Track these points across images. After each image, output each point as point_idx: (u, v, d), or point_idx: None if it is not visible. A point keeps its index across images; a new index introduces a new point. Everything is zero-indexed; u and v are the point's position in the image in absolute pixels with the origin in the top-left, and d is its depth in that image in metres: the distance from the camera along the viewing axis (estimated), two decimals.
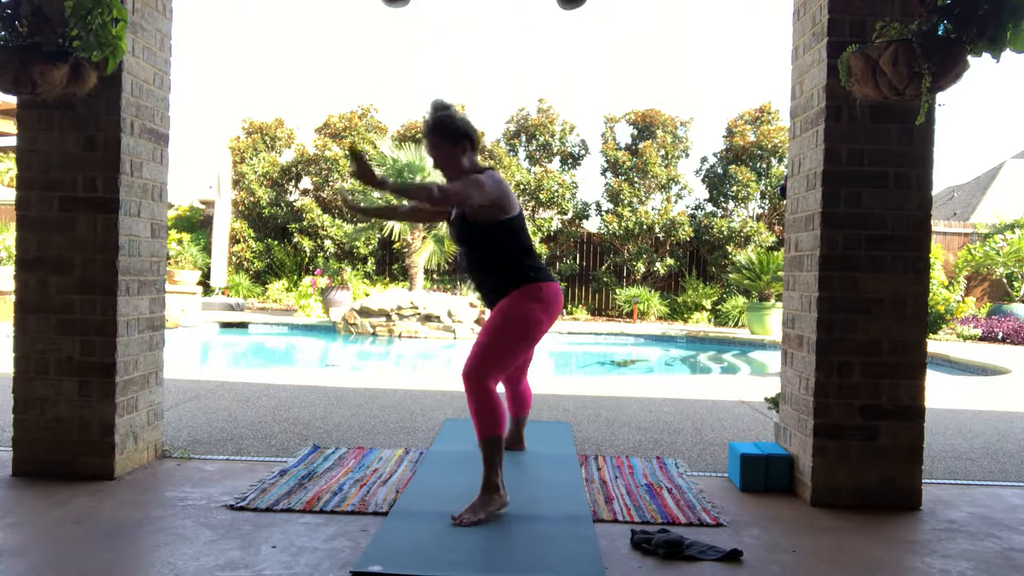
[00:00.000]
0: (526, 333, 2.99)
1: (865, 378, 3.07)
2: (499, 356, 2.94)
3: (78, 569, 2.26)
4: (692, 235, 15.35)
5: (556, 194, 15.54)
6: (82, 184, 3.14)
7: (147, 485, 3.12)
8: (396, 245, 15.57)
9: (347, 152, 2.96)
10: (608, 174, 16.13)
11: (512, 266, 3.04)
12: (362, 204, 2.85)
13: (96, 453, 3.16)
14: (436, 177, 14.19)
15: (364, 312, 11.31)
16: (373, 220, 14.31)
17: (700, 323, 14.43)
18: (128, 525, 2.64)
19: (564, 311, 15.69)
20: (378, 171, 2.85)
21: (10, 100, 7.19)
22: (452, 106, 3.08)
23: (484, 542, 2.55)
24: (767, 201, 15.74)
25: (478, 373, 2.89)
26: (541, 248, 15.36)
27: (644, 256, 15.36)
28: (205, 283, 14.51)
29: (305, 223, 15.74)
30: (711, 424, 4.70)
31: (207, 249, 15.17)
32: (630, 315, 15.03)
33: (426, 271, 15.35)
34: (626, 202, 15.45)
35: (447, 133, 3.02)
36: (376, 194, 14.36)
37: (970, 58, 2.59)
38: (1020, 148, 33.63)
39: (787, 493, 3.24)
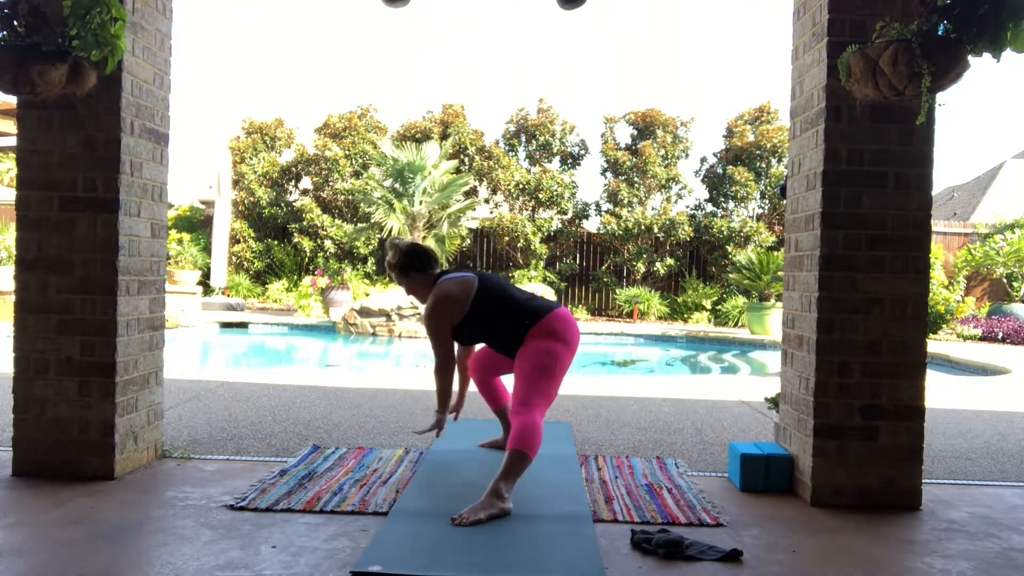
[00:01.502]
0: (548, 367, 3.06)
1: (865, 378, 3.07)
2: (534, 393, 3.00)
3: (78, 569, 2.26)
4: (692, 235, 15.34)
5: (556, 194, 15.53)
6: (82, 184, 3.14)
7: (147, 485, 3.12)
8: None
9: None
10: (608, 174, 16.13)
11: (510, 328, 3.18)
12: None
13: (96, 453, 3.16)
14: (436, 177, 14.20)
15: (364, 312, 11.31)
16: (373, 220, 14.32)
17: (700, 323, 14.43)
18: (128, 525, 2.64)
19: None
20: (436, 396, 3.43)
21: (10, 100, 7.19)
22: (398, 244, 3.40)
23: (484, 542, 2.55)
24: (767, 201, 15.74)
25: (524, 408, 2.97)
26: (541, 248, 15.36)
27: (644, 256, 15.36)
28: (205, 283, 14.51)
29: (305, 223, 15.74)
30: (711, 424, 4.70)
31: (207, 249, 15.17)
32: (630, 315, 15.03)
33: None
34: (626, 202, 15.45)
35: (395, 268, 3.40)
36: (376, 194, 14.34)
37: (970, 58, 2.59)
38: (1020, 148, 33.63)
39: (787, 493, 3.24)
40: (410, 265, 3.37)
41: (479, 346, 3.56)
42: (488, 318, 3.23)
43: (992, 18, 2.50)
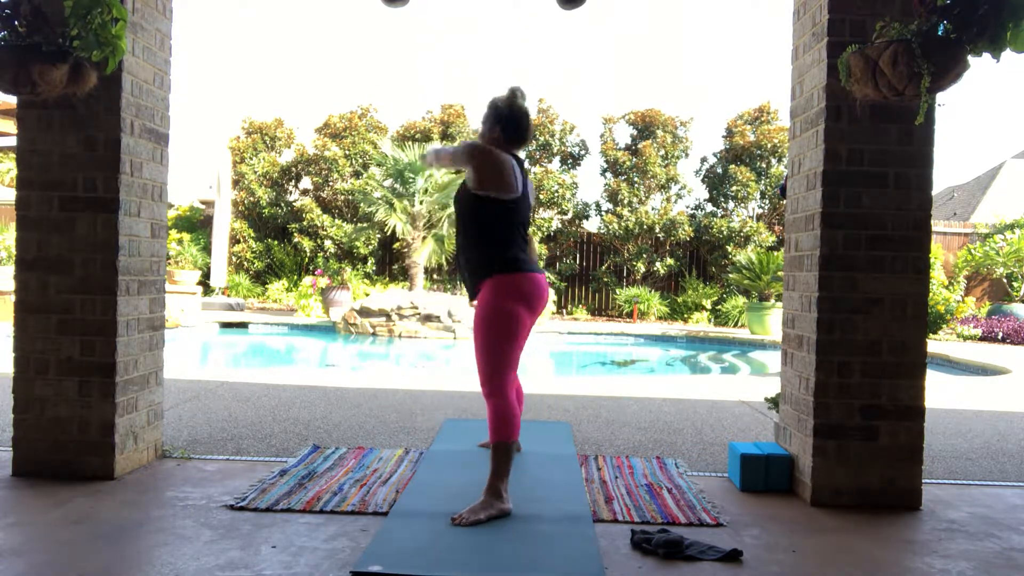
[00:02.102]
0: (506, 329, 2.94)
1: (865, 378, 3.07)
2: (495, 359, 2.94)
3: (78, 569, 2.26)
4: (692, 235, 15.35)
5: (556, 194, 15.53)
6: (82, 184, 3.14)
7: (147, 485, 3.12)
8: (396, 245, 15.58)
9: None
10: (608, 174, 16.13)
11: (494, 248, 3.00)
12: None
13: (96, 453, 3.16)
14: (436, 177, 14.20)
15: (364, 312, 11.31)
16: (373, 220, 14.32)
17: (700, 323, 14.43)
18: (128, 525, 2.64)
19: (564, 311, 15.70)
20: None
21: (10, 100, 7.19)
22: (516, 96, 3.15)
23: (484, 542, 2.55)
24: (767, 201, 15.74)
25: (488, 382, 2.94)
26: (541, 248, 15.36)
27: (644, 256, 15.36)
28: (205, 283, 14.50)
29: (305, 223, 15.74)
30: (711, 424, 4.70)
31: (207, 249, 15.17)
32: (630, 315, 15.03)
33: (426, 271, 15.35)
34: (626, 202, 15.45)
35: (494, 107, 3.16)
36: (376, 194, 14.37)
37: (970, 58, 2.59)
38: (1020, 148, 33.63)
39: (787, 493, 3.24)
40: (503, 121, 3.11)
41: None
42: (492, 222, 3.01)
43: (992, 18, 2.50)
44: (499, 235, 3.01)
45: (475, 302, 3.09)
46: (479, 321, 2.98)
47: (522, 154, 3.34)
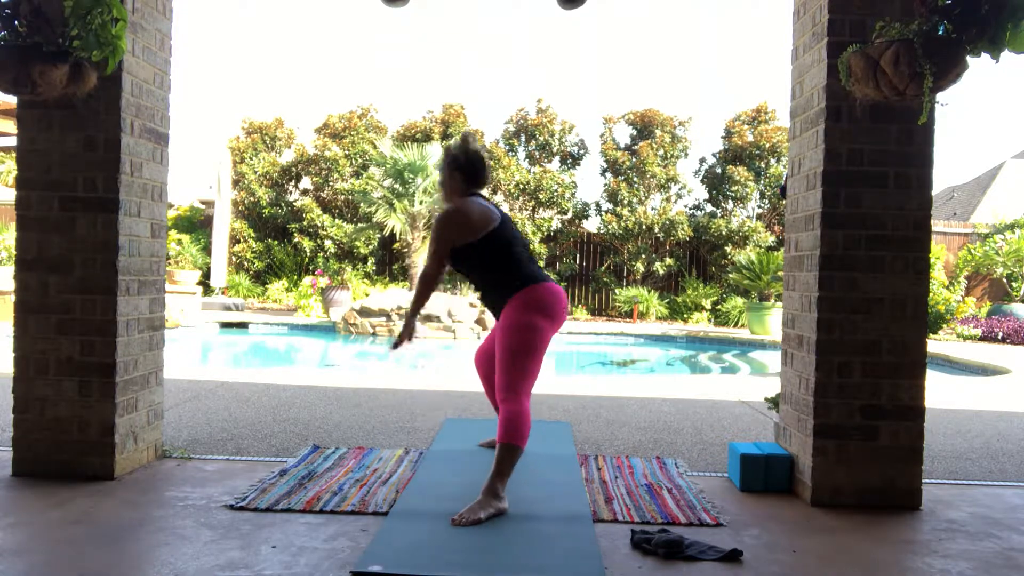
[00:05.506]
0: (529, 344, 3.00)
1: (865, 378, 3.07)
2: (517, 372, 2.97)
3: (78, 569, 2.26)
4: (691, 235, 15.35)
5: (556, 194, 15.54)
6: (82, 184, 3.14)
7: (147, 485, 3.12)
8: (396, 245, 15.58)
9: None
10: (607, 174, 16.14)
11: (500, 280, 3.12)
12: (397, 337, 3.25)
13: (96, 453, 3.16)
14: (436, 177, 14.18)
15: (364, 312, 11.31)
16: (373, 220, 14.32)
17: (700, 323, 14.43)
18: (128, 525, 2.64)
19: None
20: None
21: (10, 100, 7.19)
22: (468, 143, 3.27)
23: (484, 542, 2.55)
24: (766, 201, 15.75)
25: (506, 389, 2.97)
26: (541, 248, 15.36)
27: (643, 256, 15.36)
28: (205, 283, 14.51)
29: (305, 223, 15.74)
30: (711, 424, 4.70)
31: (207, 249, 15.17)
32: (630, 315, 15.03)
33: None
34: (625, 202, 15.45)
35: (449, 156, 3.29)
36: (376, 193, 14.36)
37: (969, 59, 2.59)
38: (1020, 148, 33.63)
39: (787, 493, 3.24)
40: (461, 168, 3.23)
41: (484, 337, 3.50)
42: (488, 259, 3.12)
43: (992, 18, 2.50)
44: (503, 264, 3.11)
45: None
46: (501, 335, 3.04)
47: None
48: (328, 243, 15.79)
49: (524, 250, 3.19)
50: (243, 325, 12.06)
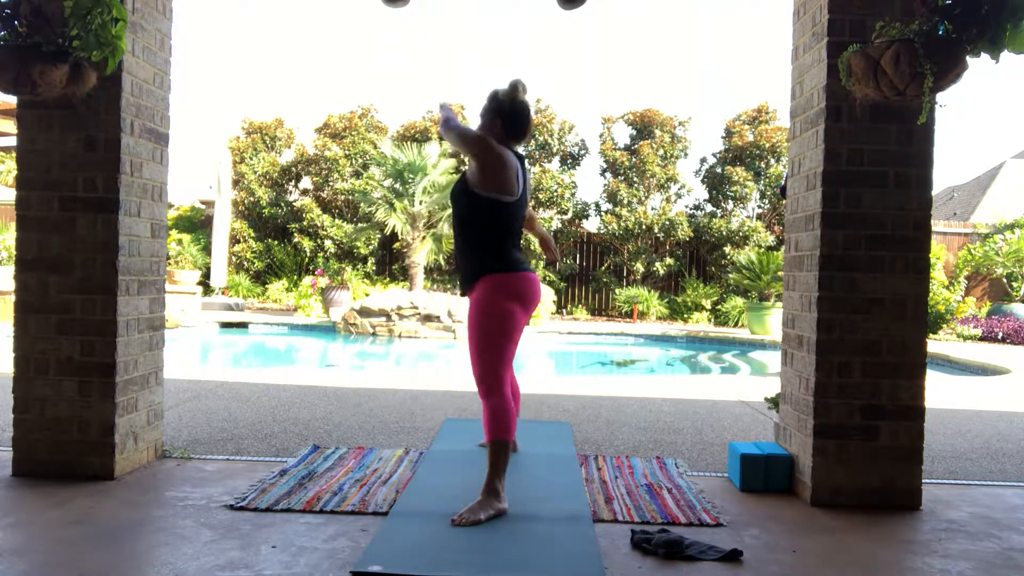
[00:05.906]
0: (502, 327, 2.97)
1: (865, 378, 3.07)
2: (490, 357, 2.96)
3: (78, 569, 2.26)
4: (691, 235, 15.35)
5: (555, 194, 15.53)
6: (82, 184, 3.14)
7: (147, 485, 3.12)
8: (396, 245, 15.57)
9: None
10: (607, 174, 16.14)
11: (490, 248, 3.02)
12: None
13: (96, 453, 3.15)
14: (436, 177, 14.20)
15: (364, 312, 11.31)
16: (373, 220, 14.31)
17: (700, 323, 14.43)
18: (128, 525, 2.64)
19: (564, 311, 15.69)
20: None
21: (10, 100, 7.19)
22: (517, 89, 3.08)
23: (484, 542, 2.55)
24: (766, 201, 15.75)
25: (483, 380, 2.96)
26: (540, 249, 15.32)
27: (643, 256, 15.36)
28: (205, 283, 14.51)
29: (305, 223, 15.74)
30: (711, 424, 4.70)
31: (207, 249, 15.17)
32: (630, 315, 15.03)
33: (426, 271, 15.36)
34: (625, 202, 15.45)
35: (494, 99, 3.11)
36: (376, 193, 14.37)
37: (968, 59, 2.59)
38: (1020, 148, 33.62)
39: (787, 493, 3.24)
40: (504, 114, 3.06)
41: None
42: (486, 220, 3.00)
43: (992, 19, 2.50)
44: (496, 235, 3.03)
45: (467, 297, 3.11)
46: (474, 320, 3.00)
47: (521, 149, 3.36)
48: (328, 243, 15.79)
49: (520, 229, 3.13)
50: (243, 325, 12.06)
